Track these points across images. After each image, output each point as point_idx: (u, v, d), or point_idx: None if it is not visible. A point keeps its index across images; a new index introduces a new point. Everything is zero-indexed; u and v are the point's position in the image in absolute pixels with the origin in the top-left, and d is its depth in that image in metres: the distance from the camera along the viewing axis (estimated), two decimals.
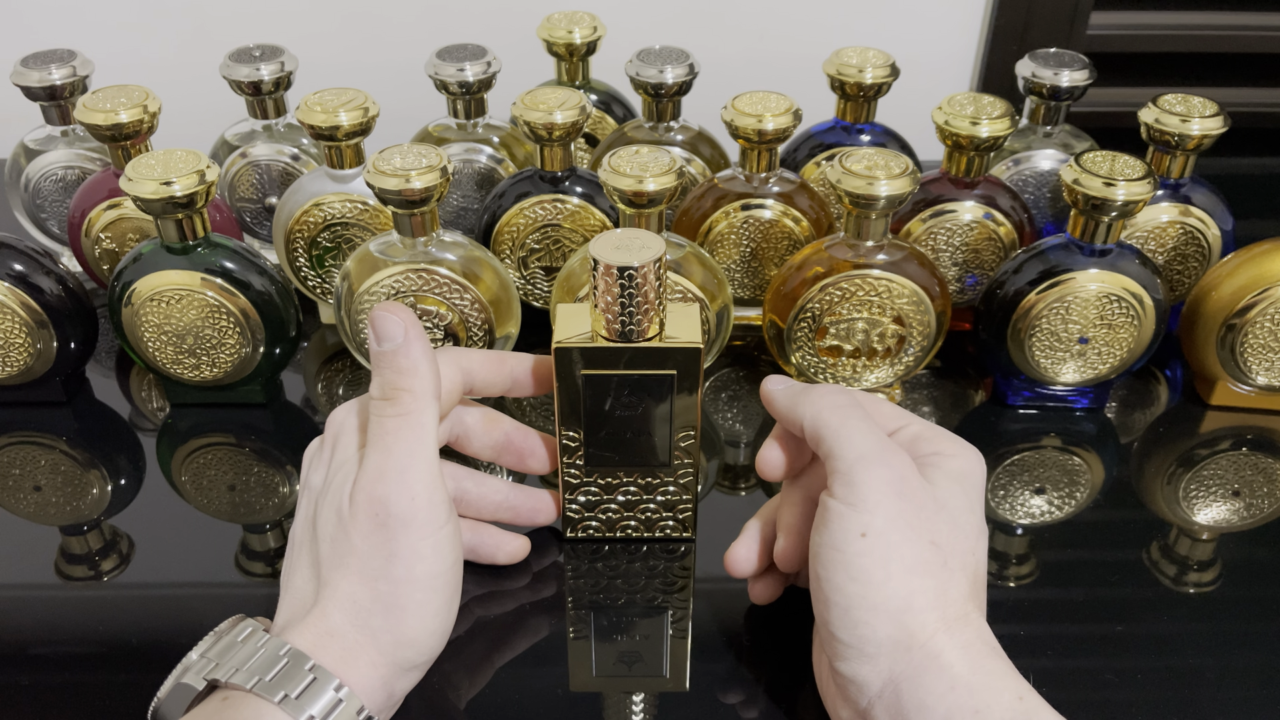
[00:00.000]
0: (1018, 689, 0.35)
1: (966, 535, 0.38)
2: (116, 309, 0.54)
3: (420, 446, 0.39)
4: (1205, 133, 0.57)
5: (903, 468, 0.38)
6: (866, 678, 0.36)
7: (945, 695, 0.35)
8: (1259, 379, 0.56)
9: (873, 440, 0.38)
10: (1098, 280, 0.53)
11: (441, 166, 0.51)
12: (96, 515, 0.52)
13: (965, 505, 0.39)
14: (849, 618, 0.36)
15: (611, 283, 0.41)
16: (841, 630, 0.36)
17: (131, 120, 0.57)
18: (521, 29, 0.72)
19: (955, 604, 0.37)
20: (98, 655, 0.44)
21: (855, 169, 0.51)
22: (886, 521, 0.37)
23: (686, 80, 0.64)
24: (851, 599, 0.36)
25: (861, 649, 0.36)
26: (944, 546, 0.37)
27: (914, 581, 0.36)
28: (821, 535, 0.38)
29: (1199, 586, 0.48)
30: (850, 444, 0.38)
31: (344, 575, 0.38)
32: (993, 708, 0.34)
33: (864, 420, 0.39)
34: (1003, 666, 0.36)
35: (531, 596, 0.47)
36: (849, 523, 0.37)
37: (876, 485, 0.37)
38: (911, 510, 0.37)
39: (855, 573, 0.36)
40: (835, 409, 0.40)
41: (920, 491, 0.38)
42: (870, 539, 0.36)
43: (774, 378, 0.44)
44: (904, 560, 0.36)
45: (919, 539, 0.37)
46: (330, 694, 0.35)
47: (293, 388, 0.61)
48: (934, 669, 0.35)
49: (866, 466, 0.37)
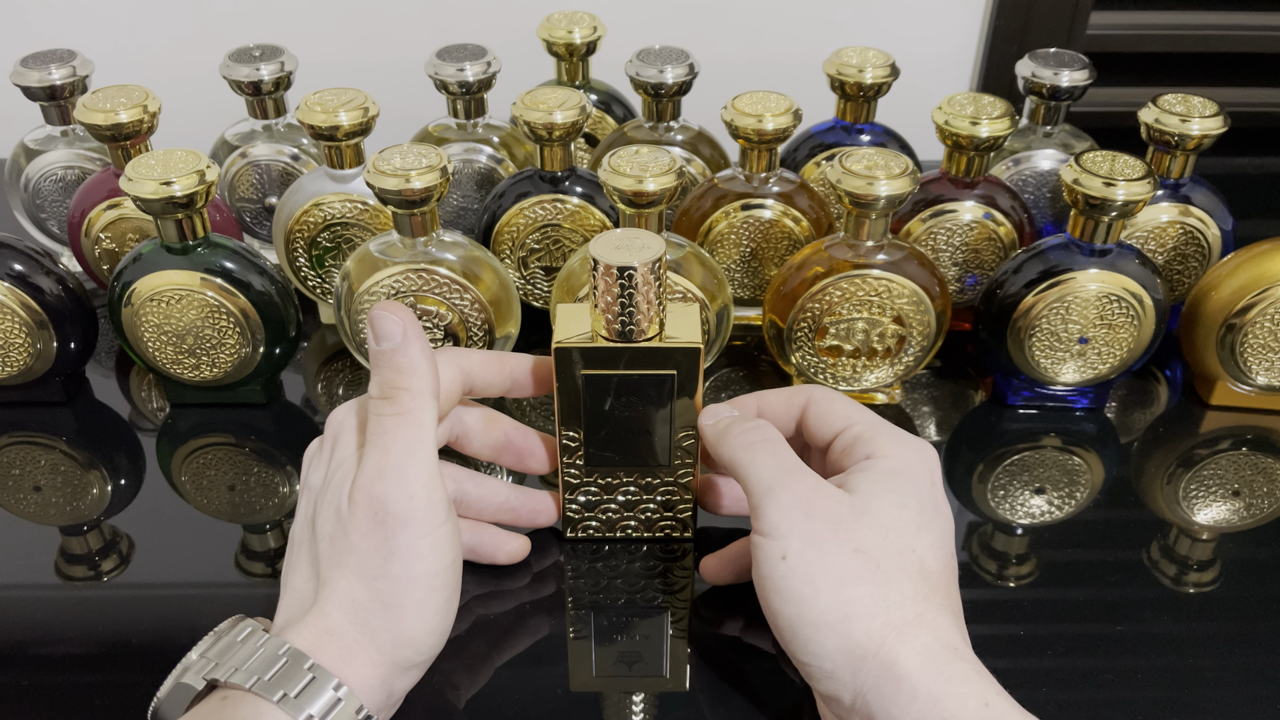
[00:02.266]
0: (983, 694, 0.35)
1: (900, 534, 0.38)
2: (116, 309, 0.54)
3: (419, 445, 0.39)
4: (1205, 133, 0.57)
5: (806, 489, 0.39)
6: (836, 692, 0.37)
7: (909, 706, 0.34)
8: (1259, 379, 0.56)
9: (775, 469, 0.40)
10: (1098, 280, 0.53)
11: (441, 166, 0.51)
12: (96, 515, 0.52)
13: (894, 503, 0.39)
14: (797, 637, 0.37)
15: (611, 283, 0.41)
16: (795, 650, 0.37)
17: (131, 120, 0.57)
18: (521, 29, 0.72)
19: (901, 606, 0.36)
20: (98, 655, 0.44)
21: (855, 169, 0.51)
22: (801, 542, 0.37)
23: (686, 80, 0.64)
24: (791, 620, 0.37)
25: (819, 665, 0.37)
26: (872, 551, 0.37)
27: (845, 591, 0.37)
28: (755, 570, 0.39)
29: (1199, 586, 0.48)
30: (757, 478, 0.40)
31: (343, 574, 0.38)
32: (959, 716, 0.34)
33: (769, 453, 0.40)
34: (965, 670, 0.35)
35: (531, 596, 0.47)
36: (768, 551, 0.38)
37: (782, 511, 0.38)
38: (825, 526, 0.38)
39: (786, 595, 0.37)
40: (745, 447, 0.41)
41: (833, 506, 0.38)
42: (790, 560, 0.37)
43: (706, 411, 0.45)
44: (829, 574, 0.37)
45: (840, 550, 0.37)
46: (329, 693, 0.35)
47: (293, 388, 0.61)
48: (893, 680, 0.35)
49: (771, 496, 0.39)
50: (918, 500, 0.39)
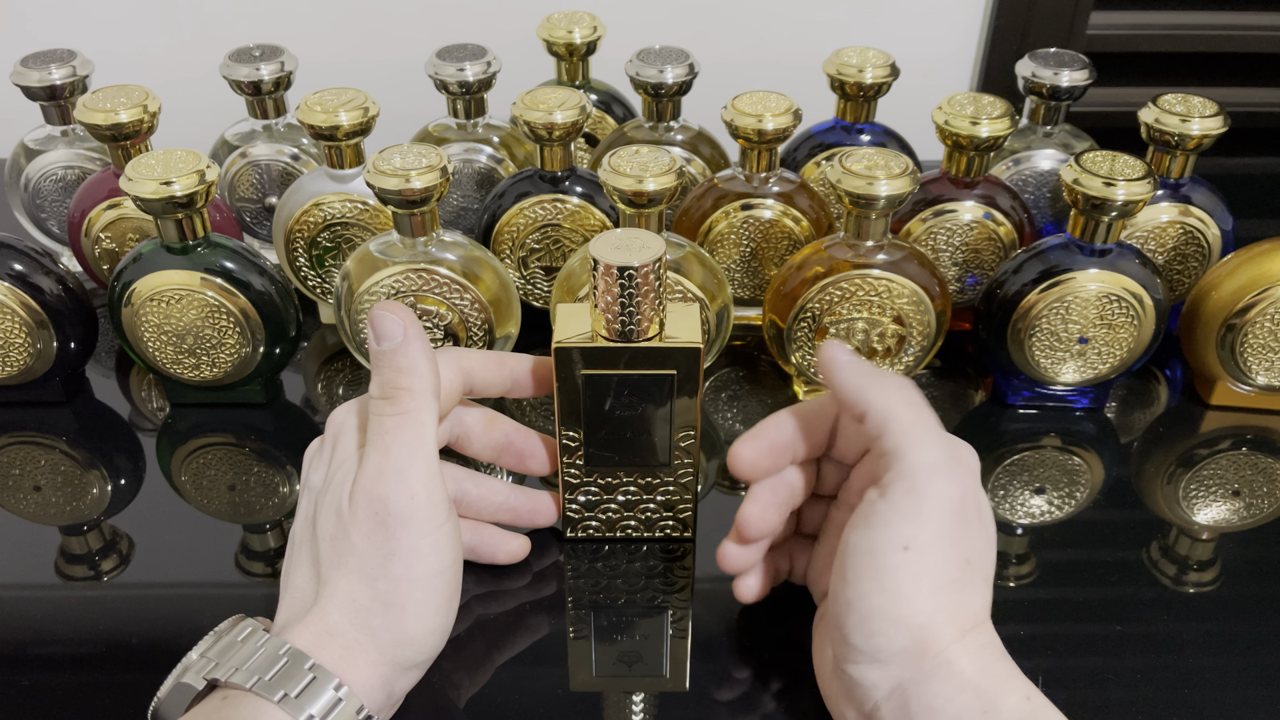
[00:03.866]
0: (1025, 690, 0.35)
1: (992, 545, 0.38)
2: (116, 309, 0.54)
3: (419, 445, 0.39)
4: (1205, 133, 0.57)
5: (967, 484, 0.36)
6: (875, 681, 0.36)
7: (953, 699, 0.35)
8: (1259, 379, 0.56)
9: (943, 450, 0.36)
10: (1098, 280, 0.53)
11: (441, 166, 0.51)
12: (96, 515, 0.52)
13: (990, 510, 0.38)
14: (867, 626, 0.35)
15: (611, 283, 0.41)
16: (857, 636, 0.36)
17: (131, 120, 0.57)
18: (521, 29, 0.72)
19: (972, 615, 0.36)
20: (98, 655, 0.44)
21: (855, 169, 0.51)
22: (932, 539, 0.35)
23: (686, 80, 0.64)
24: (875, 609, 0.35)
25: (874, 656, 0.36)
26: (974, 562, 0.36)
27: (940, 598, 0.36)
28: (859, 536, 0.36)
29: (1199, 586, 0.48)
30: (921, 449, 0.36)
31: (343, 574, 0.38)
32: (1000, 708, 0.34)
33: (936, 426, 0.37)
34: (1010, 668, 0.36)
35: (531, 596, 0.47)
36: (894, 532, 0.35)
37: (937, 500, 0.35)
38: (959, 528, 0.36)
39: (886, 584, 0.35)
40: (910, 405, 0.37)
41: (974, 509, 0.37)
42: (911, 554, 0.35)
43: (836, 344, 0.40)
44: (936, 578, 0.35)
45: (956, 557, 0.36)
46: (330, 693, 0.35)
47: (293, 388, 0.61)
48: (944, 675, 0.35)
49: (932, 478, 0.35)
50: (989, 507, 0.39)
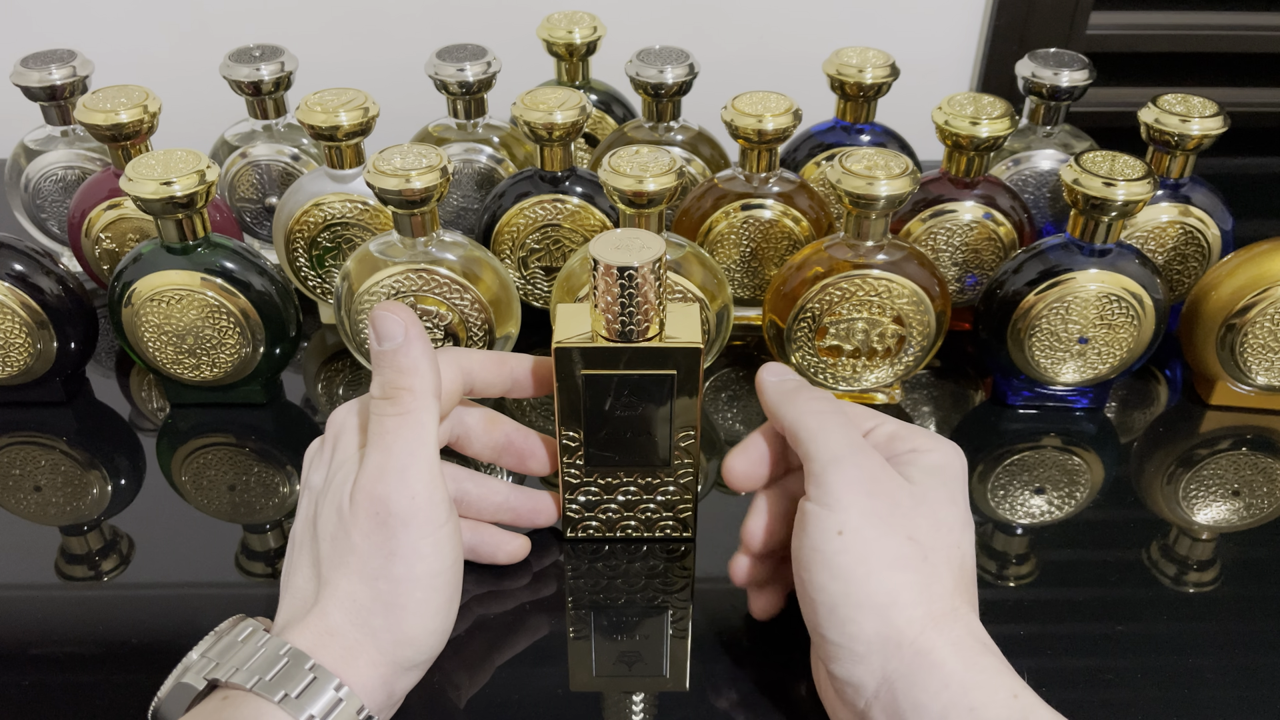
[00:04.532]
0: (1012, 686, 0.35)
1: (950, 529, 0.38)
2: (116, 309, 0.54)
3: (420, 446, 0.39)
4: (1205, 133, 0.57)
5: (873, 467, 0.38)
6: (861, 678, 0.36)
7: (940, 694, 0.35)
8: (1259, 379, 0.56)
9: (845, 442, 0.39)
10: (1097, 280, 0.53)
11: (441, 166, 0.51)
12: (96, 515, 0.52)
13: (945, 498, 0.39)
14: (835, 616, 0.37)
15: (611, 283, 0.41)
16: (830, 630, 0.37)
17: (131, 120, 0.57)
18: (521, 29, 0.72)
19: (941, 599, 0.37)
20: (98, 655, 0.44)
21: (855, 169, 0.51)
22: (861, 518, 0.37)
23: (686, 80, 0.64)
24: (835, 597, 0.37)
25: (851, 648, 0.36)
26: (923, 541, 0.37)
27: (896, 576, 0.36)
28: (801, 539, 0.38)
29: (1199, 586, 0.48)
30: (824, 446, 0.39)
31: (344, 574, 0.38)
32: (988, 706, 0.34)
33: (841, 425, 0.40)
34: (996, 663, 0.36)
35: (531, 596, 0.47)
36: (824, 523, 0.37)
37: (847, 484, 0.38)
38: (885, 507, 0.37)
39: (836, 570, 0.37)
40: (814, 414, 0.40)
41: (895, 489, 0.38)
42: (847, 536, 0.37)
43: (770, 367, 0.44)
44: (883, 555, 0.37)
45: (896, 534, 0.37)
46: (330, 693, 0.35)
47: (293, 388, 0.61)
48: (926, 667, 0.35)
49: (838, 467, 0.38)
50: (963, 498, 0.40)
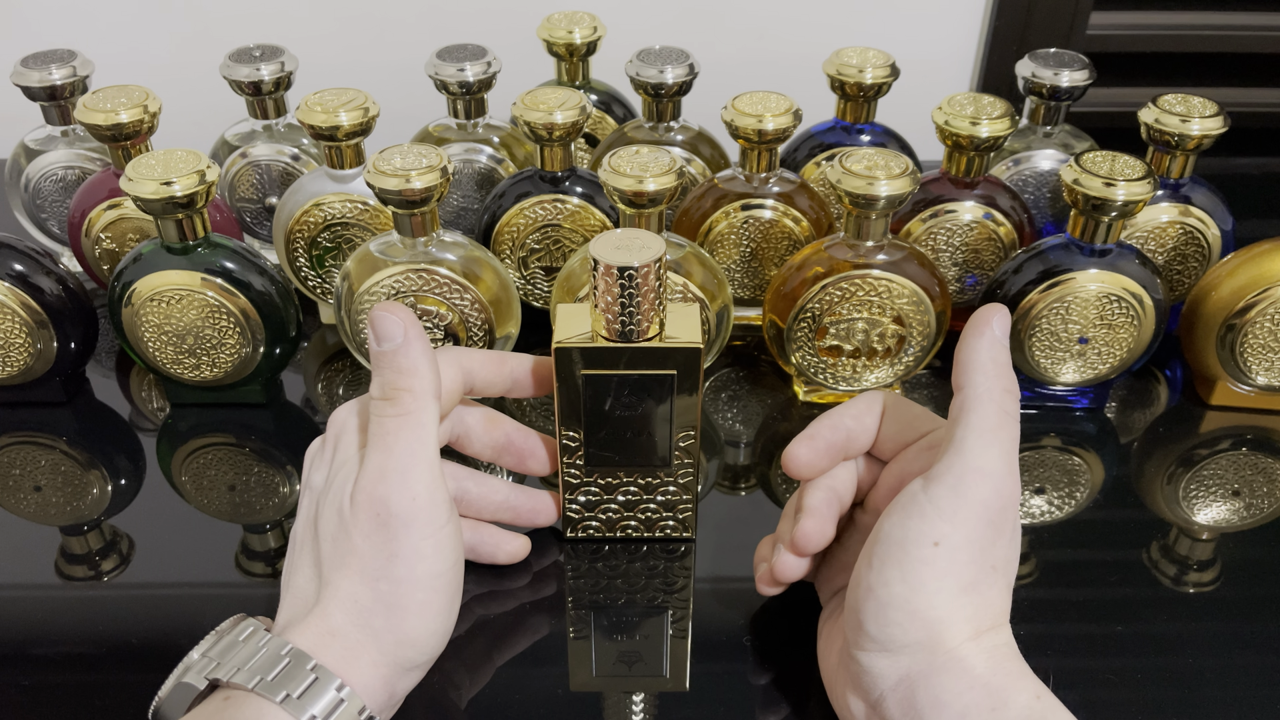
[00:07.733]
0: (1035, 689, 0.35)
1: (1017, 555, 0.38)
2: (116, 309, 0.54)
3: (421, 446, 0.39)
4: (1205, 133, 0.57)
5: (1010, 497, 0.36)
6: (883, 670, 0.36)
7: (963, 693, 0.35)
8: (1259, 379, 0.56)
9: (1002, 461, 0.36)
10: (1098, 280, 0.53)
11: (441, 166, 0.51)
12: (96, 515, 0.52)
13: (1018, 520, 0.38)
14: (884, 615, 0.36)
15: (611, 283, 0.41)
16: (871, 624, 0.36)
17: (131, 120, 0.57)
18: (521, 29, 0.72)
19: (991, 618, 0.36)
20: (98, 655, 0.44)
21: (855, 169, 0.51)
22: (964, 540, 0.35)
23: (686, 80, 0.64)
24: (895, 599, 0.35)
25: (886, 645, 0.36)
26: (1000, 569, 0.37)
27: (961, 599, 0.36)
28: (893, 524, 0.36)
29: (1199, 586, 0.48)
30: (981, 451, 0.36)
31: (345, 575, 0.38)
32: (1010, 705, 0.34)
33: (1009, 440, 0.36)
34: (1021, 668, 0.36)
35: (531, 596, 0.47)
36: (928, 526, 0.35)
37: (978, 505, 0.35)
38: (992, 536, 0.36)
39: (910, 575, 0.35)
40: (1001, 411, 0.37)
41: (1010, 521, 0.37)
42: (941, 550, 0.35)
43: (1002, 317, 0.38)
44: (961, 579, 0.36)
45: (983, 562, 0.36)
46: (332, 693, 0.35)
47: (293, 388, 0.61)
48: (954, 670, 0.35)
49: (980, 481, 0.35)
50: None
